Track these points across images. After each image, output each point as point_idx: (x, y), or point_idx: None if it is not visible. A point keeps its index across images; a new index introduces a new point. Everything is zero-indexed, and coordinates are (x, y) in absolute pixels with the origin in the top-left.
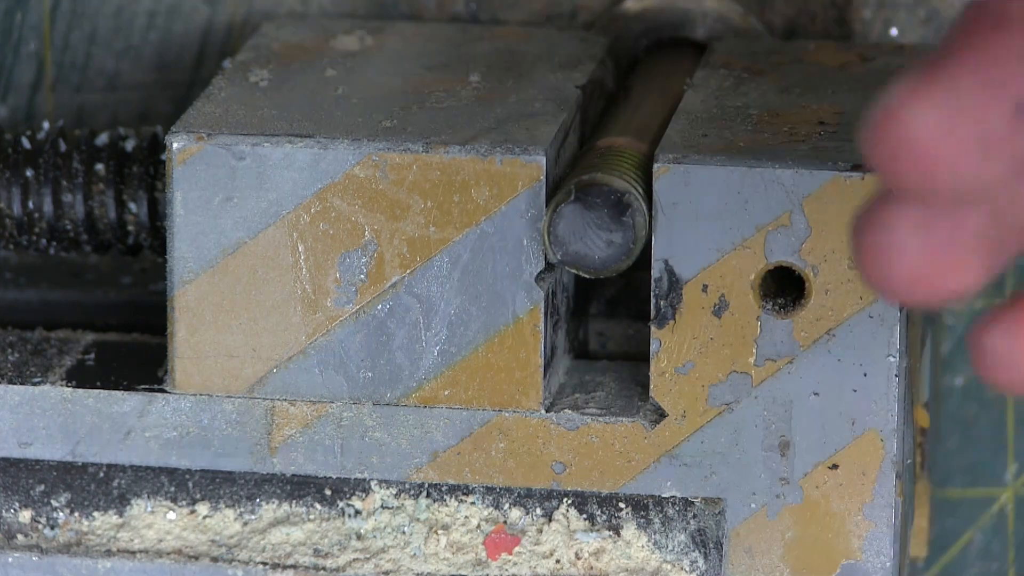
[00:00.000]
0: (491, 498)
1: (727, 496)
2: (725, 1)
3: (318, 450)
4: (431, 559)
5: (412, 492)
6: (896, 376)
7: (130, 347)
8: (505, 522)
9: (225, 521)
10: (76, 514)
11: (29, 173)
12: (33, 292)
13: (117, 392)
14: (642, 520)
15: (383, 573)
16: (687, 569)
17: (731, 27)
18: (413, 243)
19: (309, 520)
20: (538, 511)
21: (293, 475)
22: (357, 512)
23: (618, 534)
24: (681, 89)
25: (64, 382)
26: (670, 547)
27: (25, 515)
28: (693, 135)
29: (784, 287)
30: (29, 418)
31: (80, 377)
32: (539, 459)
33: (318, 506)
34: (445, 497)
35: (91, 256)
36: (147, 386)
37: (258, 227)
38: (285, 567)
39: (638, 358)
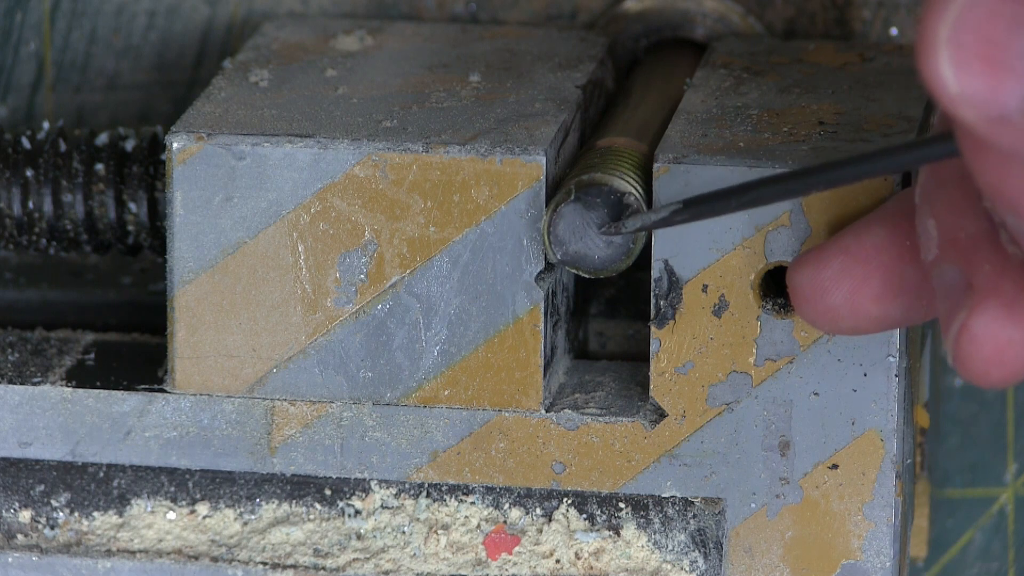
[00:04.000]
0: (491, 498)
1: (727, 496)
2: (725, 1)
3: (318, 450)
4: (431, 559)
5: (412, 492)
6: (896, 376)
7: (130, 347)
8: (505, 522)
9: (225, 521)
10: (76, 514)
11: (29, 173)
12: (33, 292)
13: (117, 392)
14: (642, 520)
15: (383, 573)
16: (687, 569)
17: (731, 27)
18: (413, 243)
19: (309, 520)
20: (538, 511)
21: (293, 475)
22: (357, 512)
23: (618, 534)
24: (681, 89)
25: (64, 382)
26: (670, 547)
27: (25, 515)
28: (693, 135)
29: (784, 287)
30: (29, 418)
31: (80, 377)
32: (539, 459)
33: (318, 506)
34: (445, 497)
35: (91, 256)
36: (147, 386)
37: (258, 227)
38: (285, 567)
39: (638, 358)
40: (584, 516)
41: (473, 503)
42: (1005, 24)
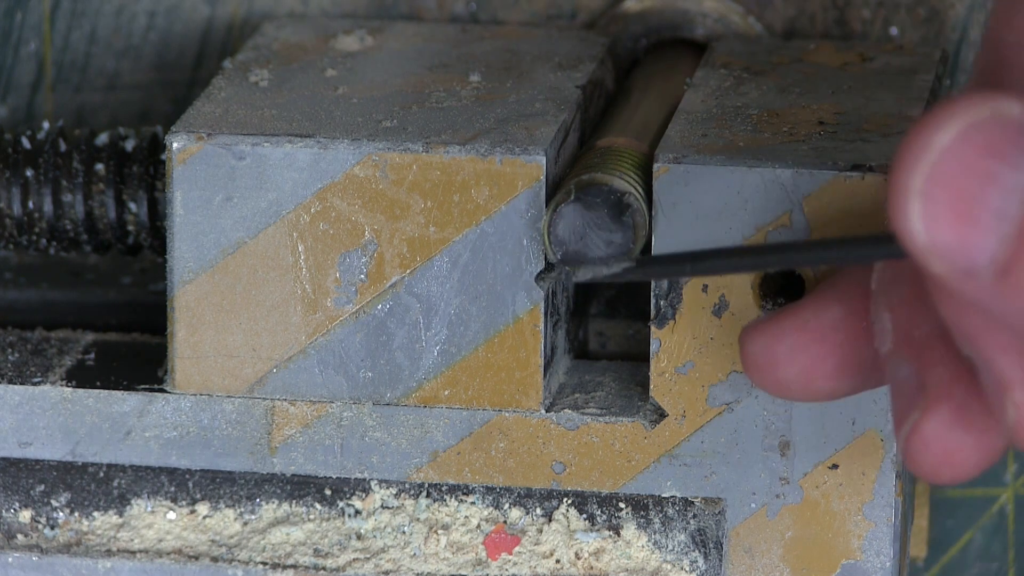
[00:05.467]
0: (491, 498)
1: (727, 496)
2: (725, 1)
3: (318, 450)
4: (431, 559)
5: (412, 492)
6: None
7: (130, 347)
8: (505, 522)
9: (225, 521)
10: (76, 514)
11: (29, 173)
12: (33, 292)
13: (117, 392)
14: (642, 520)
15: (383, 573)
16: (687, 569)
17: (731, 27)
18: (413, 243)
19: (309, 520)
20: (538, 511)
21: (293, 475)
22: (357, 512)
23: (618, 534)
24: (681, 89)
25: (64, 382)
26: (670, 547)
27: (25, 515)
28: (693, 135)
29: (784, 287)
30: (29, 418)
31: (80, 377)
32: (539, 459)
33: (318, 506)
34: (445, 497)
35: (91, 256)
36: (147, 386)
37: (258, 227)
38: (285, 567)
39: (638, 358)
40: (584, 516)
41: (473, 503)
42: (978, 180)
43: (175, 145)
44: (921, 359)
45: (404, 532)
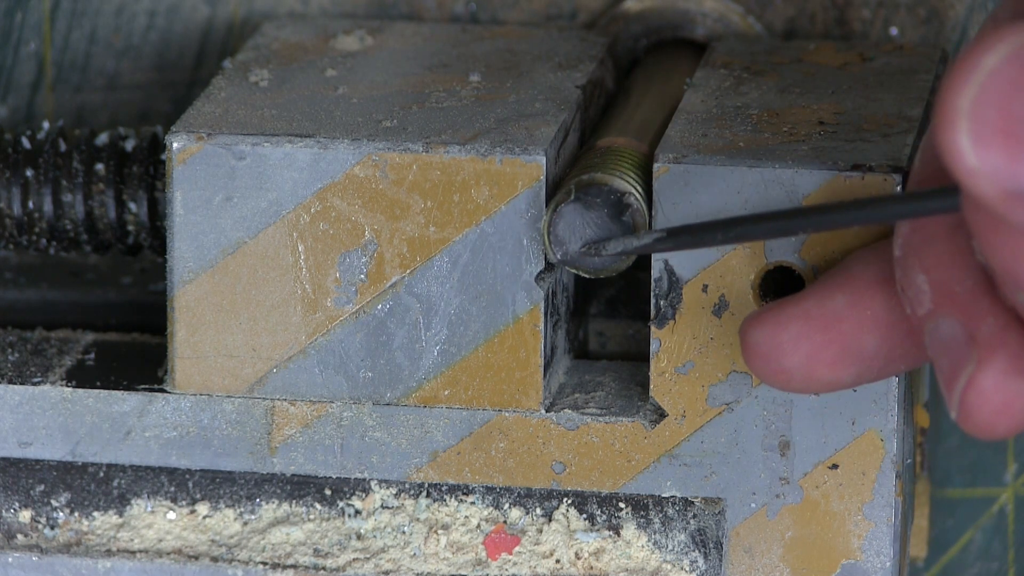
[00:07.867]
0: (491, 498)
1: (727, 496)
2: (725, 1)
3: (318, 450)
4: (431, 559)
5: (412, 492)
6: (896, 376)
7: (130, 347)
8: (505, 522)
9: (225, 521)
10: (76, 514)
11: (29, 173)
12: (33, 292)
13: (117, 392)
14: (642, 520)
15: (383, 573)
16: (687, 569)
17: (731, 27)
18: (413, 243)
19: (309, 520)
20: (538, 511)
21: (293, 475)
22: (357, 512)
23: (618, 534)
24: (681, 89)
25: (64, 382)
26: (670, 547)
27: (25, 515)
28: (693, 135)
29: (784, 287)
30: (29, 418)
31: (80, 377)
32: (539, 459)
33: (318, 506)
34: (445, 497)
35: (91, 256)
36: (147, 386)
37: (258, 227)
38: (285, 567)
39: (638, 358)
40: (584, 516)
41: (473, 503)
42: None
43: (175, 145)
44: (968, 313)
45: (404, 532)
